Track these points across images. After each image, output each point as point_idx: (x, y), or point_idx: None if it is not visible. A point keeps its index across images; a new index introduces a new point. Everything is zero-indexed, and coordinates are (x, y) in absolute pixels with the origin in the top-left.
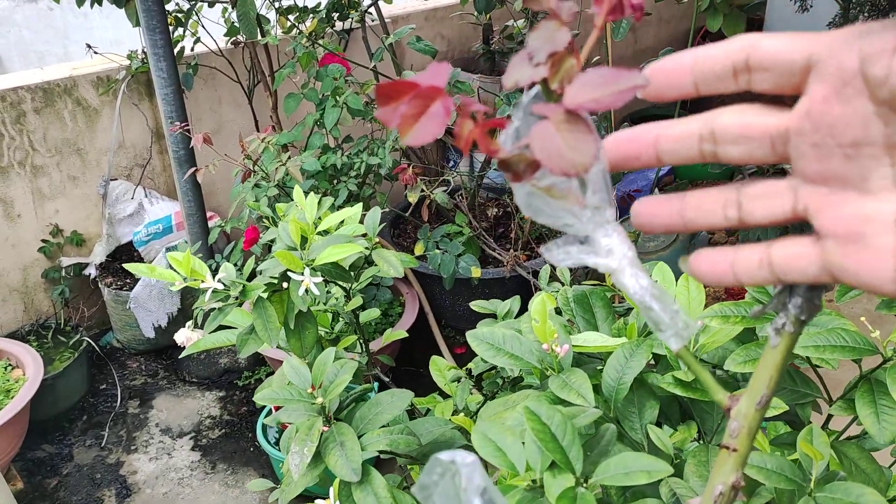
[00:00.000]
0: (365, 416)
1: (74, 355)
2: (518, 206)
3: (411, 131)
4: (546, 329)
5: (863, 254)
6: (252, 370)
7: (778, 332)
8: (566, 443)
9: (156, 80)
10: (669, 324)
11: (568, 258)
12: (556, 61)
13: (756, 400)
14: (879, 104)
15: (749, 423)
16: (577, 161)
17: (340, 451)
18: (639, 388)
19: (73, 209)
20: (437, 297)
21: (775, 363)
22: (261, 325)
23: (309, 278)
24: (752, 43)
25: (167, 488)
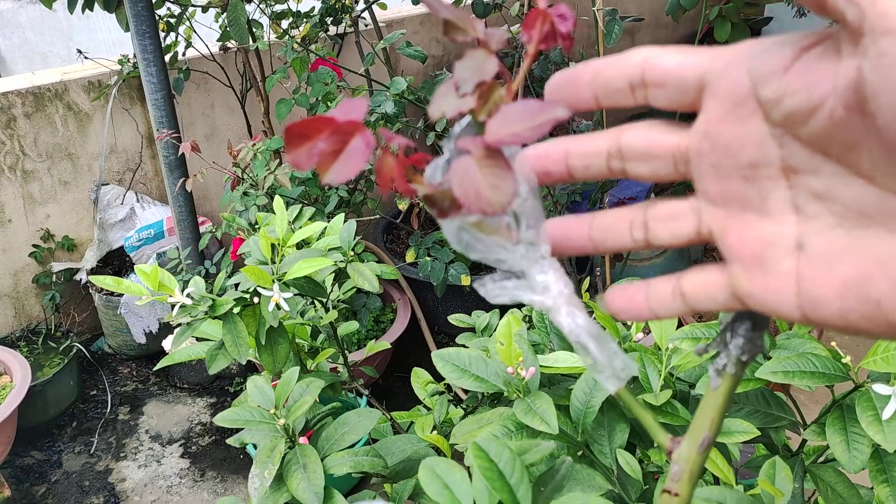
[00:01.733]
0: (331, 437)
1: (64, 361)
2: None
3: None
4: (511, 352)
5: (767, 279)
6: (244, 377)
7: (719, 373)
8: (514, 481)
9: (146, 85)
10: (607, 364)
11: (503, 293)
12: (485, 92)
13: (698, 442)
14: (774, 125)
15: (691, 467)
16: (495, 200)
17: (303, 474)
18: (609, 410)
19: (65, 214)
20: (430, 304)
21: (717, 405)
22: (230, 341)
23: (278, 294)
24: (648, 58)
25: (155, 496)
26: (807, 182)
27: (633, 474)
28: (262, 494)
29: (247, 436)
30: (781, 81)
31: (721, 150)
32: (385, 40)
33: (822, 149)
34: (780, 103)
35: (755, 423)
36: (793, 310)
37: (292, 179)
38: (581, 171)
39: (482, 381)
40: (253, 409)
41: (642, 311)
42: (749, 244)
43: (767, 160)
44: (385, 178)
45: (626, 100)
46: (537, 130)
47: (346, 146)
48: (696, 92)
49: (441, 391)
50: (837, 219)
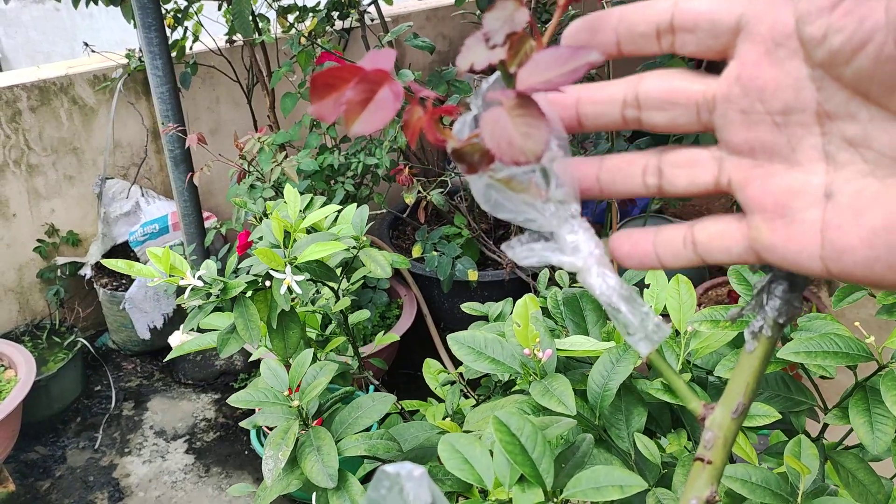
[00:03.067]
0: (345, 420)
1: (69, 356)
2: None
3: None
4: (528, 333)
5: (790, 229)
6: (248, 372)
7: (755, 336)
8: (536, 455)
9: (151, 79)
10: (639, 327)
11: (531, 256)
12: (515, 43)
13: (732, 409)
14: (814, 67)
15: (725, 434)
16: (528, 148)
17: (317, 456)
18: (626, 394)
19: (69, 209)
20: (436, 300)
21: (752, 369)
22: (242, 325)
23: (290, 276)
24: (678, 1)
25: (160, 491)
26: (841, 128)
27: (651, 458)
28: (275, 476)
29: (260, 418)
30: (829, 17)
31: (754, 95)
32: (392, 32)
33: (862, 90)
34: (826, 40)
35: (775, 408)
36: (815, 261)
37: (299, 173)
38: (592, 119)
39: (498, 363)
40: (267, 391)
41: (648, 258)
42: (773, 194)
43: (802, 104)
44: (414, 130)
45: (651, 46)
46: (570, 76)
47: (375, 95)
48: (729, 35)
49: (453, 381)
50: (870, 166)
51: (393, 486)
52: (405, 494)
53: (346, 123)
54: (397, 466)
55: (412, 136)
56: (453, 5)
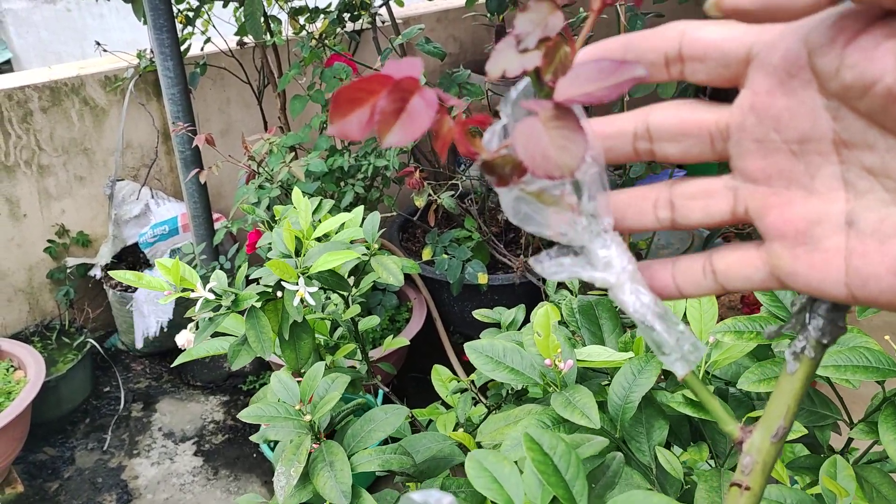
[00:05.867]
0: (357, 434)
1: (78, 357)
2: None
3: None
4: (549, 343)
5: (813, 256)
6: (257, 375)
7: (796, 356)
8: (570, 476)
9: (162, 80)
10: (674, 346)
11: (561, 271)
12: (550, 49)
13: (772, 432)
14: (829, 97)
15: (764, 458)
16: (564, 163)
17: (329, 473)
18: (647, 407)
19: (80, 209)
20: (446, 303)
21: (793, 391)
22: (253, 336)
23: (304, 288)
24: (686, 31)
25: (168, 494)
26: (859, 157)
27: (673, 473)
28: (287, 493)
29: (271, 433)
30: (842, 53)
31: (769, 124)
32: (403, 35)
33: (879, 122)
34: (839, 74)
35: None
36: (839, 287)
37: (308, 175)
38: (604, 153)
39: (517, 373)
40: (277, 405)
41: (667, 289)
42: (793, 221)
43: (819, 134)
44: (445, 141)
45: (660, 74)
46: (614, 90)
47: (407, 105)
48: (739, 65)
49: (464, 388)
50: (891, 195)
51: None
52: None
53: (378, 135)
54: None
55: (443, 147)
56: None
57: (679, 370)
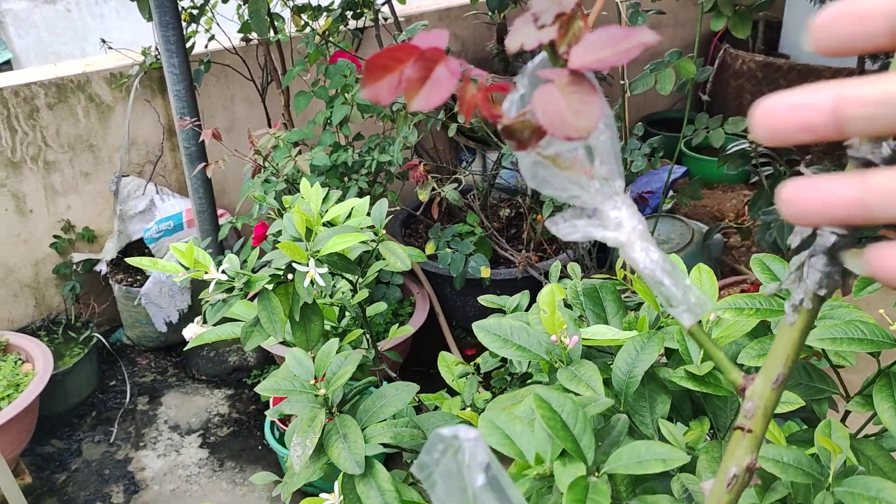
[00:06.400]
0: (369, 409)
1: (84, 351)
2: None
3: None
4: (555, 320)
5: None
6: (261, 369)
7: (795, 308)
8: (577, 431)
9: (168, 77)
10: (681, 299)
11: (575, 232)
12: (565, 23)
13: (772, 379)
14: None
15: (765, 404)
16: (581, 125)
17: (343, 444)
18: (650, 382)
19: (85, 205)
20: (448, 298)
21: (792, 341)
22: (265, 318)
23: (314, 269)
24: None
25: (175, 485)
26: None
27: (675, 444)
28: (304, 462)
29: (286, 407)
30: None
31: None
32: (407, 31)
33: None
34: None
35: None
36: None
37: (312, 169)
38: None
39: (524, 350)
40: (293, 380)
41: None
42: None
43: None
44: (469, 106)
45: None
46: (623, 55)
47: (432, 73)
48: None
49: (470, 372)
50: None
51: (447, 449)
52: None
53: (406, 99)
54: (452, 429)
55: (468, 110)
56: (466, 5)
57: (686, 321)
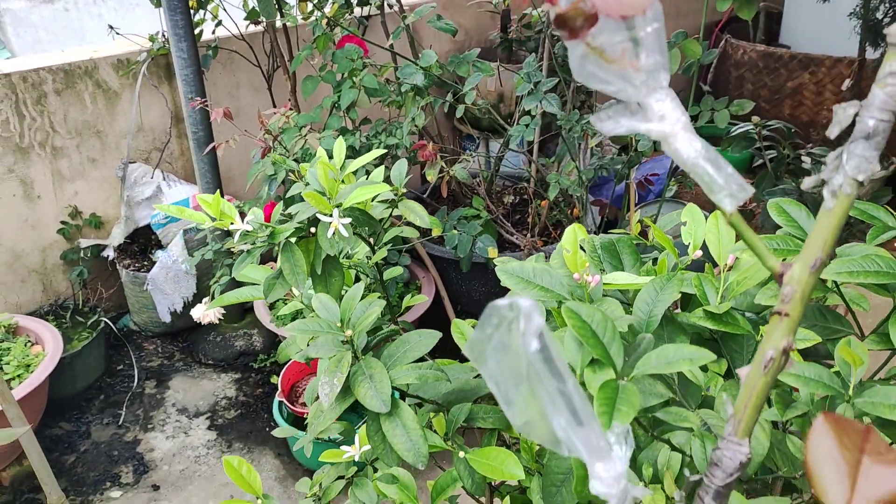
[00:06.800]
0: (393, 354)
1: (92, 335)
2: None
3: None
4: (577, 259)
5: None
6: (268, 353)
7: (834, 194)
8: (606, 339)
9: (176, 61)
10: (723, 185)
11: (618, 126)
12: None
13: (810, 263)
14: None
15: (802, 288)
16: (635, 2)
17: (370, 384)
18: (668, 324)
19: (92, 191)
20: (454, 282)
21: (831, 226)
22: (288, 270)
23: (338, 220)
24: None
25: (184, 465)
26: None
27: (694, 381)
28: (332, 399)
29: (312, 350)
30: None
31: None
32: (415, 13)
33: None
34: None
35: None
36: None
37: None
38: None
39: (547, 290)
40: (319, 321)
41: None
42: None
43: None
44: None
45: None
46: None
47: None
48: None
49: None
50: None
51: (501, 322)
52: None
53: None
54: (508, 299)
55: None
56: None
57: (727, 206)
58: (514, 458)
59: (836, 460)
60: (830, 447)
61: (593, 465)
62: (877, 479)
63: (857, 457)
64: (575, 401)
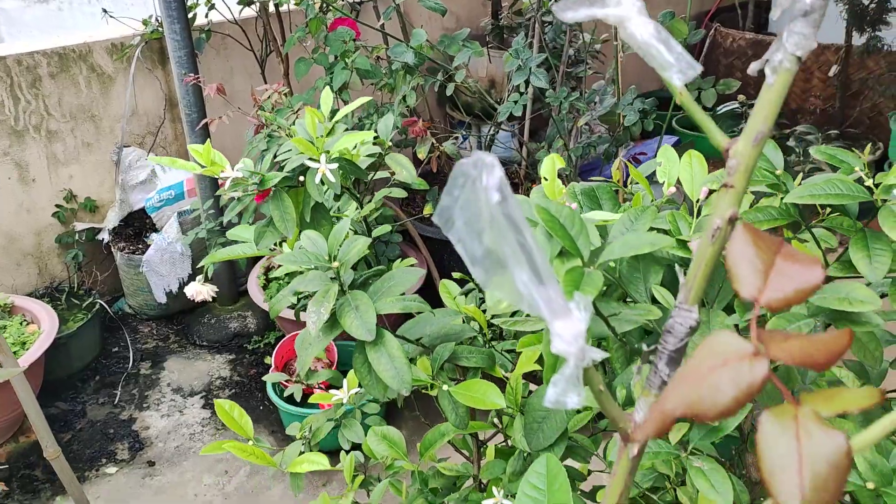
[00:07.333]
0: (379, 289)
1: (87, 316)
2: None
3: None
4: (555, 187)
5: None
6: (261, 334)
7: (775, 70)
8: (574, 232)
9: (169, 43)
10: (674, 62)
11: (577, 14)
12: None
13: (752, 137)
14: None
15: (746, 161)
16: None
17: (356, 314)
18: (644, 257)
19: (87, 175)
20: (445, 264)
21: (771, 101)
22: (278, 217)
23: (325, 165)
24: None
25: (179, 442)
26: None
27: (668, 306)
28: (319, 327)
29: (300, 284)
30: None
31: None
32: None
33: None
34: None
35: None
36: None
37: None
38: None
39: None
40: (307, 254)
41: None
42: None
43: None
44: None
45: None
46: None
47: None
48: None
49: (472, 289)
50: None
51: (467, 182)
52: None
53: None
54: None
55: None
56: None
57: (677, 82)
58: (495, 389)
59: (752, 260)
60: (747, 249)
61: (553, 323)
62: (788, 275)
63: (772, 258)
64: (535, 256)
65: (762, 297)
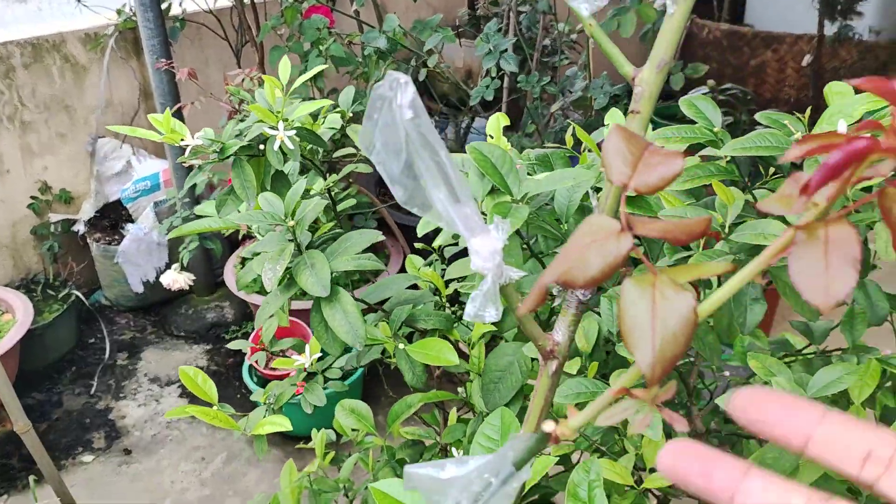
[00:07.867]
0: (335, 250)
1: (63, 307)
2: None
3: None
4: (500, 143)
5: None
6: (239, 325)
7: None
8: (505, 171)
9: (142, 31)
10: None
11: None
12: None
13: (656, 64)
14: None
15: (650, 88)
16: None
17: (311, 271)
18: (588, 212)
19: (62, 166)
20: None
21: (673, 29)
22: (239, 185)
23: (283, 132)
24: None
25: (155, 431)
26: None
27: None
28: (275, 283)
29: (259, 246)
30: None
31: None
32: None
33: None
34: None
35: None
36: None
37: None
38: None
39: None
40: (264, 214)
41: None
42: None
43: None
44: None
45: None
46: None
47: None
48: None
49: (435, 259)
50: None
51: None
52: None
53: None
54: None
55: None
56: None
57: (584, 11)
58: (449, 347)
59: (623, 153)
60: (619, 144)
61: (470, 240)
62: (654, 165)
63: (640, 153)
64: (450, 174)
65: (631, 183)
